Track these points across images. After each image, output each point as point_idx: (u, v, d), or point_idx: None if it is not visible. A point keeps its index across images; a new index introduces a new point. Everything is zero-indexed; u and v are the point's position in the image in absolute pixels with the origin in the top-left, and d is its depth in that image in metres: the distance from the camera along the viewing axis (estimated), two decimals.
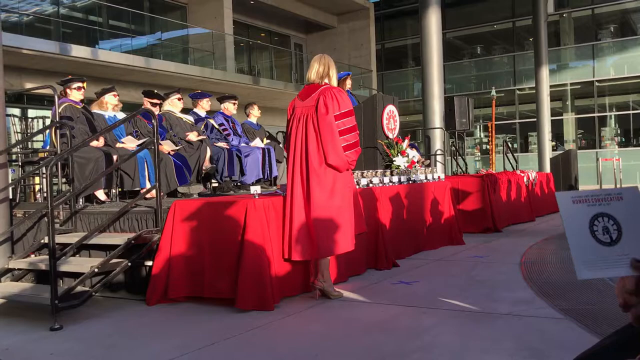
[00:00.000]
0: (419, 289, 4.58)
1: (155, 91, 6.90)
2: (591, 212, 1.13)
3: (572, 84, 21.73)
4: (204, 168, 6.65)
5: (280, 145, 8.89)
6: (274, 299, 4.07)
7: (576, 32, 22.34)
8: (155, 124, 4.98)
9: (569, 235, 1.12)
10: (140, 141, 6.31)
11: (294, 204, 4.25)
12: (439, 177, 7.11)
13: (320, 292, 4.33)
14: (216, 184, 7.38)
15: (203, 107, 7.46)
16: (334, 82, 4.40)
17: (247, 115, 8.47)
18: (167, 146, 6.41)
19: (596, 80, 21.20)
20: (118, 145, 6.15)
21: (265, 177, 7.52)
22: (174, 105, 6.96)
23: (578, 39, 22.15)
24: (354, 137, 4.26)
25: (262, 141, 8.20)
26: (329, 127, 4.17)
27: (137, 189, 5.94)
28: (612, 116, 21.67)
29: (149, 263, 4.53)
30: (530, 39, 19.79)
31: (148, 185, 5.81)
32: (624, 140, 21.56)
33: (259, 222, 4.13)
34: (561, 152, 15.45)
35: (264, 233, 4.14)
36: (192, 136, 6.74)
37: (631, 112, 21.19)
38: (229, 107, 7.82)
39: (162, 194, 4.99)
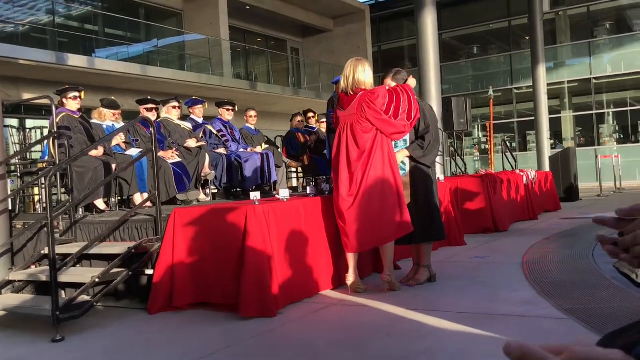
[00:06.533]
0: (421, 292, 4.57)
1: (149, 97, 6.89)
2: None
3: (569, 82, 21.75)
4: (202, 174, 6.64)
5: (279, 149, 8.88)
6: (277, 305, 4.05)
7: (572, 30, 22.37)
8: (153, 131, 4.97)
9: None
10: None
11: (345, 203, 4.49)
12: (438, 178, 7.09)
13: (389, 287, 4.53)
14: (215, 190, 7.37)
15: (197, 114, 7.46)
16: (365, 84, 4.58)
17: (246, 121, 8.46)
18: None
19: (593, 78, 21.22)
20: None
21: (265, 181, 7.51)
22: (171, 112, 6.95)
23: (574, 36, 22.18)
24: (404, 105, 4.55)
25: (261, 146, 8.19)
26: (387, 124, 4.49)
27: (136, 194, 5.92)
28: (610, 113, 21.68)
29: (150, 272, 4.51)
30: (527, 38, 19.83)
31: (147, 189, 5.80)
32: (622, 136, 21.57)
33: (260, 228, 4.12)
34: (560, 150, 15.44)
35: (264, 239, 4.12)
36: (192, 143, 6.73)
37: (629, 108, 21.20)
38: (224, 114, 7.82)
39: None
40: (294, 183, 9.64)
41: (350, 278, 4.53)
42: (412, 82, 4.83)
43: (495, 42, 24.13)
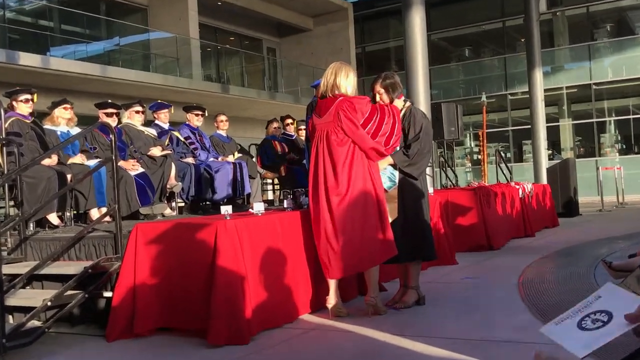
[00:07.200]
0: (408, 315, 4.56)
1: (109, 100, 6.83)
2: (576, 320, 1.44)
3: (567, 88, 22.06)
4: (168, 186, 6.59)
5: (253, 159, 8.86)
6: (250, 331, 4.01)
7: (571, 32, 22.74)
8: (113, 138, 4.92)
9: (566, 346, 1.37)
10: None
11: (324, 223, 4.45)
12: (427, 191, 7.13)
13: (373, 310, 4.50)
14: (182, 204, 7.32)
15: (162, 119, 7.41)
16: (346, 89, 4.57)
17: (216, 127, 8.43)
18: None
19: (593, 83, 21.56)
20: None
21: (237, 194, 7.48)
22: (133, 117, 6.90)
23: (573, 39, 22.55)
24: (386, 127, 4.53)
25: (234, 155, 8.17)
26: (363, 138, 4.46)
27: (93, 209, 5.84)
28: (612, 121, 22.03)
29: (108, 294, 4.45)
30: (522, 40, 20.10)
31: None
32: (624, 147, 21.90)
33: (231, 246, 4.08)
34: (558, 161, 15.64)
35: (237, 257, 4.09)
36: (156, 151, 6.68)
37: (632, 116, 21.55)
38: (192, 119, 7.78)
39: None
40: (270, 196, 9.63)
41: (332, 301, 4.52)
42: (398, 103, 4.78)
43: (488, 44, 24.44)
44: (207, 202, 7.34)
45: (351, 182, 4.43)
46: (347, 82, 4.57)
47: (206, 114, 8.04)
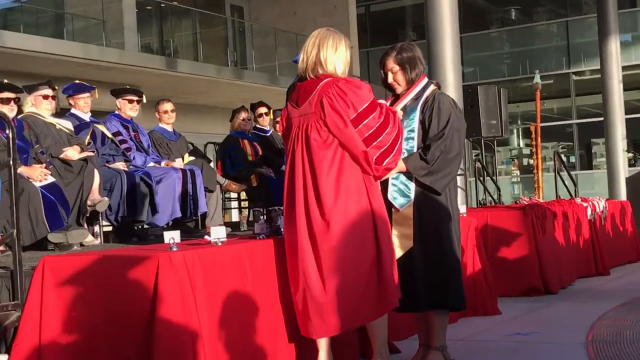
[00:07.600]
0: None
1: (5, 81, 6.80)
2: None
3: None
4: (89, 203, 6.58)
5: (211, 164, 8.84)
6: None
7: None
8: (11, 134, 4.90)
9: None
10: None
11: (303, 257, 4.39)
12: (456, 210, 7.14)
13: None
14: (109, 228, 7.29)
15: (82, 107, 7.37)
16: (334, 68, 4.47)
17: (159, 119, 8.42)
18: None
19: None
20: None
21: (188, 214, 7.46)
22: (40, 105, 6.88)
23: None
24: (386, 138, 4.43)
25: (183, 159, 8.16)
26: (354, 140, 4.37)
27: None
28: None
29: (3, 358, 4.43)
30: None
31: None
32: None
33: (178, 288, 4.07)
34: None
35: (186, 304, 4.08)
36: (72, 153, 6.66)
37: None
38: (125, 107, 7.76)
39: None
40: (235, 216, 9.62)
41: None
42: (399, 112, 4.74)
43: (544, 3, 24.57)
44: (145, 226, 7.31)
45: (339, 199, 4.36)
46: (336, 57, 4.47)
47: (144, 100, 8.02)
